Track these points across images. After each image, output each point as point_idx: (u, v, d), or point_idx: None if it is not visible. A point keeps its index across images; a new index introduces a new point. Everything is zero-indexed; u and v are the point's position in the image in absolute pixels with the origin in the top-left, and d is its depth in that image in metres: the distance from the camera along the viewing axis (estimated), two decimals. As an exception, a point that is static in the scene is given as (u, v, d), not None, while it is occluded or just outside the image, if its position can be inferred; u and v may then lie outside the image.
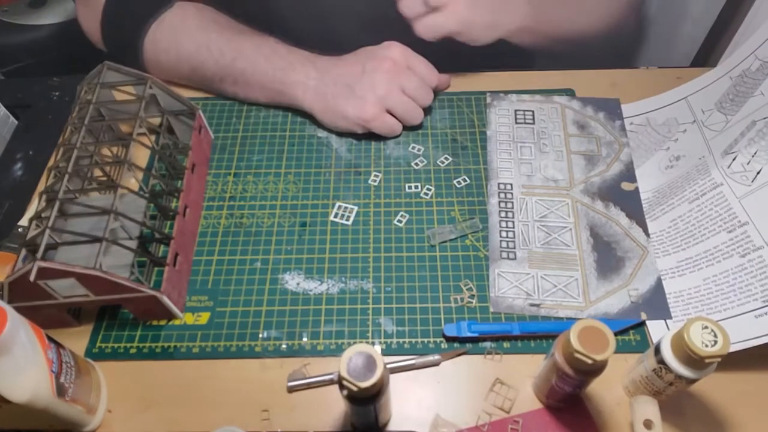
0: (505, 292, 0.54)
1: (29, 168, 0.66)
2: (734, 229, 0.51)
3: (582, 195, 0.60)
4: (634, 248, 0.56)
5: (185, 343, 0.52)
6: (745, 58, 0.59)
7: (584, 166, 0.63)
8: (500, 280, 0.55)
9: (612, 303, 0.53)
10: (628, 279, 0.54)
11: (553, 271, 0.55)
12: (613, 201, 0.60)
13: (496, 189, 0.61)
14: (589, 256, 0.56)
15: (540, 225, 0.58)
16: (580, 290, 0.54)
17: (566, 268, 0.55)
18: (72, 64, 1.09)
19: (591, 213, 0.59)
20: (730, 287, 0.50)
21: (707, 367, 0.41)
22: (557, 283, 0.54)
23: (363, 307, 0.54)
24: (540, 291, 0.54)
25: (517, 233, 0.58)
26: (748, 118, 0.55)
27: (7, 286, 0.46)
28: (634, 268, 0.55)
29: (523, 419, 0.47)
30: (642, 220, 0.58)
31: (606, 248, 0.56)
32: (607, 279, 0.54)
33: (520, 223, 0.58)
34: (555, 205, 0.60)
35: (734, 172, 0.54)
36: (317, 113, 0.64)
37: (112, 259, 0.50)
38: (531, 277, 0.55)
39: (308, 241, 0.58)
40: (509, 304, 0.53)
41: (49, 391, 0.41)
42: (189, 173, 0.58)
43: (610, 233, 0.57)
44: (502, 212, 0.59)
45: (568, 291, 0.54)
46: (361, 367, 0.37)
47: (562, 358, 0.41)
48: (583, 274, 0.55)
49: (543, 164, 0.63)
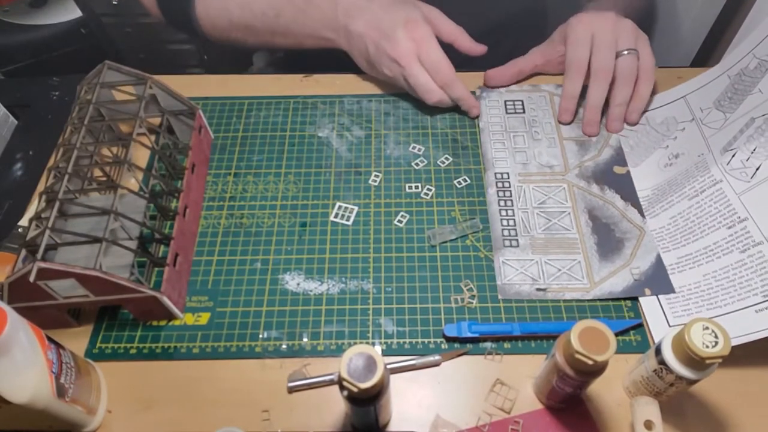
0: (512, 279, 0.54)
1: (29, 168, 0.65)
2: (734, 225, 0.51)
3: (578, 179, 0.61)
4: (632, 229, 0.57)
5: (185, 344, 0.52)
6: (744, 57, 0.59)
7: (577, 152, 0.64)
8: (505, 267, 0.55)
9: (616, 282, 0.54)
10: (629, 258, 0.55)
11: (557, 255, 0.56)
12: (607, 184, 0.61)
13: (494, 179, 0.62)
14: (589, 238, 0.57)
15: (539, 211, 0.59)
16: (584, 272, 0.55)
17: (569, 252, 0.56)
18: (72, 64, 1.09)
19: (588, 196, 0.60)
20: (730, 283, 0.50)
21: (708, 367, 0.41)
22: (561, 267, 0.55)
23: (363, 308, 0.54)
24: (545, 276, 0.55)
25: (517, 221, 0.58)
26: (746, 116, 0.55)
27: (7, 286, 0.46)
28: (633, 248, 0.56)
29: (524, 420, 0.47)
30: (636, 202, 0.59)
31: (605, 230, 0.57)
32: (609, 260, 0.55)
33: (519, 210, 0.59)
34: (552, 191, 0.60)
35: (733, 169, 0.54)
36: (357, 59, 0.68)
37: (112, 260, 0.49)
38: (535, 263, 0.55)
39: (308, 241, 0.58)
40: (516, 290, 0.54)
41: (49, 391, 0.41)
42: (189, 173, 0.58)
43: (607, 215, 0.58)
44: (501, 201, 0.60)
45: (573, 274, 0.54)
46: (361, 367, 0.37)
47: (562, 359, 0.41)
48: (586, 256, 0.55)
49: (537, 152, 0.64)
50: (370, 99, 0.70)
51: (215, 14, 0.71)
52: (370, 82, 0.72)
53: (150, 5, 0.76)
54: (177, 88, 0.60)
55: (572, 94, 0.63)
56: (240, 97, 0.71)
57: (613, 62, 0.61)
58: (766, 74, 0.56)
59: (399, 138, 0.67)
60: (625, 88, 0.62)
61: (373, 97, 0.70)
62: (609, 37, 0.60)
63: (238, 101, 0.70)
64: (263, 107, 0.70)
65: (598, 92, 0.62)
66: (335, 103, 0.70)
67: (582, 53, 0.61)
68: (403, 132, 0.67)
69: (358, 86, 0.72)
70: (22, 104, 0.72)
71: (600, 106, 0.63)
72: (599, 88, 0.62)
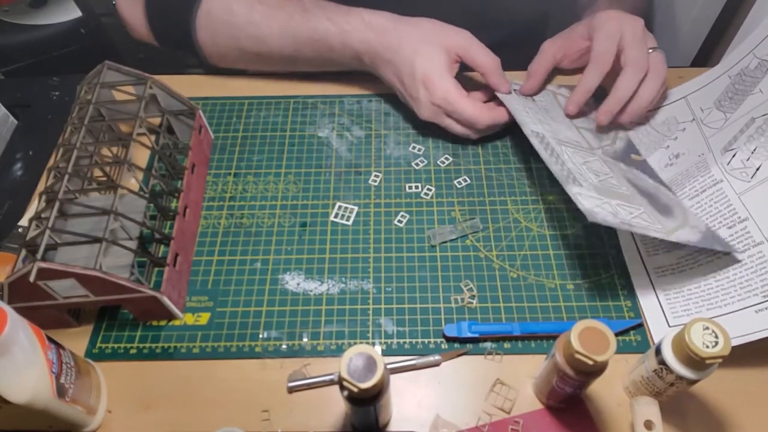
0: (592, 208, 0.49)
1: (29, 168, 0.65)
2: (734, 225, 0.51)
3: (605, 157, 0.60)
4: (672, 199, 0.55)
5: (185, 344, 0.52)
6: (744, 57, 0.59)
7: (593, 138, 0.63)
8: (581, 199, 0.50)
9: (687, 233, 0.51)
10: (684, 219, 0.52)
11: (622, 202, 0.52)
12: (633, 166, 0.60)
13: (532, 133, 0.57)
14: (640, 199, 0.54)
15: (586, 168, 0.56)
16: (655, 219, 0.52)
17: (631, 203, 0.53)
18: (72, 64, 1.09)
19: (622, 167, 0.58)
20: (730, 283, 0.50)
21: (708, 367, 0.41)
22: (632, 211, 0.52)
23: (363, 308, 0.54)
24: (621, 215, 0.51)
25: (571, 168, 0.54)
26: (747, 116, 0.55)
27: (7, 286, 0.46)
28: (683, 214, 0.53)
29: (524, 420, 0.47)
30: (662, 182, 0.58)
31: (650, 196, 0.55)
32: (668, 217, 0.53)
33: (569, 161, 0.55)
34: (589, 158, 0.58)
35: (734, 169, 0.54)
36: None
37: (112, 260, 0.49)
38: (607, 203, 0.51)
39: (308, 241, 0.58)
40: (603, 217, 0.48)
41: (49, 391, 0.41)
42: (189, 173, 0.58)
43: (645, 186, 0.57)
44: (547, 150, 0.56)
45: (644, 219, 0.51)
46: (361, 367, 0.37)
47: (562, 359, 0.41)
48: (647, 211, 0.53)
49: (558, 128, 0.62)
50: (370, 99, 0.70)
51: (223, 43, 0.66)
52: (370, 82, 0.71)
53: (137, 25, 0.68)
54: (177, 88, 0.60)
55: (589, 87, 0.61)
56: (240, 97, 0.71)
57: (647, 56, 0.60)
58: (766, 74, 0.56)
59: (399, 138, 0.67)
60: (657, 81, 0.61)
61: (373, 97, 0.70)
62: (640, 34, 0.60)
63: (238, 101, 0.70)
64: (263, 107, 0.70)
65: (630, 84, 0.60)
66: (335, 103, 0.70)
67: (611, 47, 0.60)
68: (403, 132, 0.67)
69: (358, 86, 0.72)
70: (22, 104, 0.72)
71: (627, 98, 0.61)
72: (631, 81, 0.60)
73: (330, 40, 0.63)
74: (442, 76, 0.60)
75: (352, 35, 0.62)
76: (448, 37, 0.61)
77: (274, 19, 0.63)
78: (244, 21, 0.64)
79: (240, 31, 0.65)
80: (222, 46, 0.67)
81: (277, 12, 0.63)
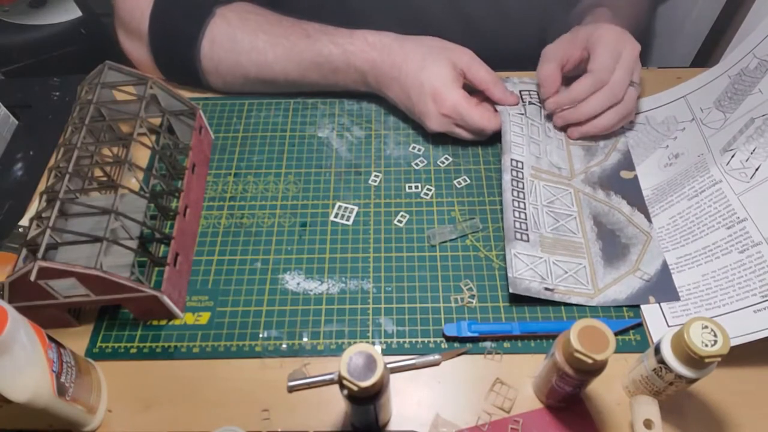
0: (522, 273, 0.53)
1: (30, 168, 0.66)
2: (733, 226, 0.51)
3: (583, 185, 0.61)
4: (638, 234, 0.57)
5: (185, 343, 0.52)
6: (744, 57, 0.59)
7: (583, 156, 0.63)
8: (516, 261, 0.54)
9: (620, 290, 0.53)
10: (634, 264, 0.55)
11: (563, 257, 0.55)
12: (613, 190, 0.60)
13: (509, 165, 0.59)
14: (594, 244, 0.56)
15: (548, 210, 0.58)
16: (589, 278, 0.54)
17: (575, 255, 0.55)
18: (72, 64, 1.09)
19: (593, 202, 0.59)
20: (729, 283, 0.50)
21: (707, 366, 0.41)
22: (568, 269, 0.54)
23: (363, 307, 0.54)
24: (553, 276, 0.54)
25: (528, 215, 0.57)
26: (746, 116, 0.55)
27: (8, 286, 0.46)
28: (639, 254, 0.55)
29: (524, 419, 0.48)
30: (643, 206, 0.59)
31: (610, 236, 0.57)
32: (614, 266, 0.55)
33: (530, 205, 0.58)
34: (560, 193, 0.60)
35: (733, 169, 0.54)
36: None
37: (112, 259, 0.50)
38: (543, 261, 0.54)
39: (308, 241, 0.58)
40: (526, 286, 0.52)
41: (50, 390, 0.41)
42: (189, 173, 0.58)
43: (613, 221, 0.58)
44: (514, 191, 0.58)
45: (578, 278, 0.54)
46: (361, 366, 0.37)
47: (562, 358, 0.41)
48: (590, 262, 0.55)
49: (549, 149, 0.63)
50: (370, 99, 0.70)
51: (227, 71, 0.67)
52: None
53: (143, 63, 0.69)
54: (177, 88, 0.60)
55: (577, 98, 0.61)
56: (240, 97, 0.71)
57: (626, 87, 0.60)
58: (766, 74, 0.56)
59: (399, 138, 0.67)
60: (621, 113, 0.61)
61: (373, 98, 0.70)
62: (632, 64, 0.59)
63: (238, 101, 0.70)
64: (263, 107, 0.70)
65: (600, 105, 0.60)
66: (335, 103, 0.70)
67: (611, 65, 0.59)
68: (403, 132, 0.67)
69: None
70: (22, 104, 0.72)
71: (590, 116, 0.61)
72: (601, 103, 0.60)
73: (335, 62, 0.63)
74: (450, 88, 0.60)
75: (356, 56, 0.62)
76: (453, 53, 0.62)
77: (278, 46, 0.64)
78: (249, 48, 0.64)
79: (244, 58, 0.65)
80: (226, 74, 0.67)
81: (280, 39, 0.64)
